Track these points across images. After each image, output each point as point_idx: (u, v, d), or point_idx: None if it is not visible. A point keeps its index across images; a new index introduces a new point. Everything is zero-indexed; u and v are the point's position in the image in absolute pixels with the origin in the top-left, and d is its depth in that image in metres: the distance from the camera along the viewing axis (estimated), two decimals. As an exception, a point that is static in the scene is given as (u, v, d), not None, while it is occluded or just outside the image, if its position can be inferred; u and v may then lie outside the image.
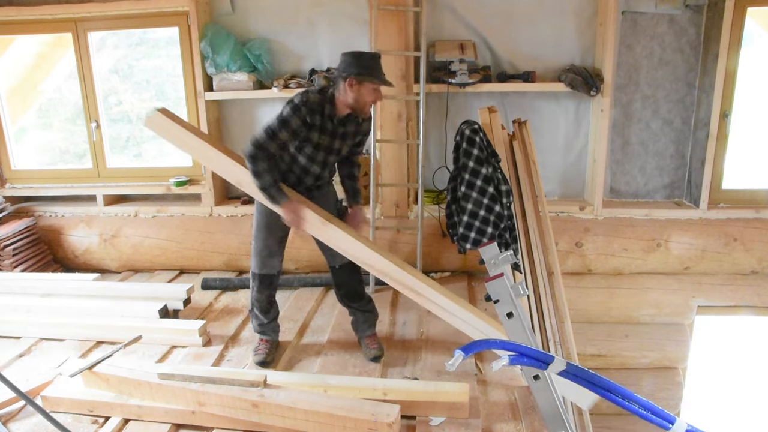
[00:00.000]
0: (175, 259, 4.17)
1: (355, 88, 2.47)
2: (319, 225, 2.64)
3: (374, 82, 2.47)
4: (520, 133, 3.53)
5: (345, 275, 2.85)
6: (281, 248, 2.81)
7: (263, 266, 2.77)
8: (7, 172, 4.39)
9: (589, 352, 3.93)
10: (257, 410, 2.22)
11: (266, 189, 2.50)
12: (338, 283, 2.90)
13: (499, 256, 2.24)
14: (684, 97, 3.86)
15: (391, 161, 3.87)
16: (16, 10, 3.96)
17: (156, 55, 4.31)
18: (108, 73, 4.30)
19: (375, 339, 2.91)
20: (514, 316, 2.14)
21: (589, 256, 3.89)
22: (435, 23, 3.85)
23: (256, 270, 2.79)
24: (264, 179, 2.48)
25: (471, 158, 3.22)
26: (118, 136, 4.44)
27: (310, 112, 2.46)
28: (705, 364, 4.27)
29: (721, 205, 3.85)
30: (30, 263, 4.01)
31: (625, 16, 3.73)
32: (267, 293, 2.83)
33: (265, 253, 2.77)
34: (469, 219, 3.25)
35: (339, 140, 2.62)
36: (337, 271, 2.86)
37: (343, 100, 2.51)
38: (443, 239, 3.90)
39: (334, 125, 2.56)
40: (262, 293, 2.82)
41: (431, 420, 2.32)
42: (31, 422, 2.36)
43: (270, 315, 2.89)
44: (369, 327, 2.92)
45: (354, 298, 2.89)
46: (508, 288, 2.13)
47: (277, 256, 2.80)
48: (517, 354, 1.98)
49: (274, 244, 2.77)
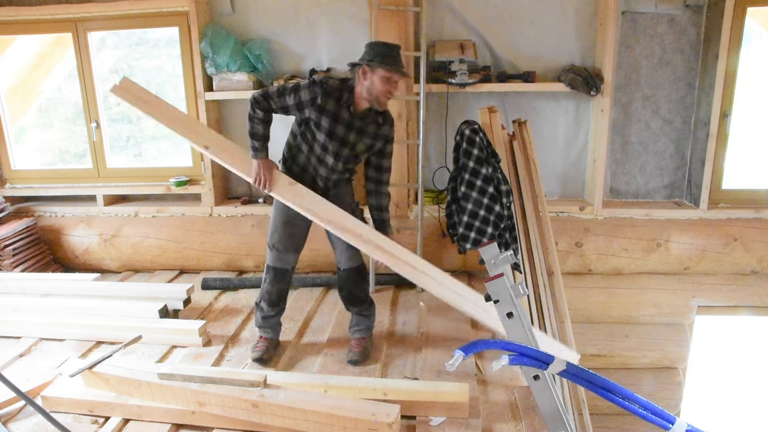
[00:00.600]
0: (175, 259, 4.17)
1: (368, 76, 2.45)
2: (287, 185, 2.65)
3: (385, 69, 2.42)
4: (520, 133, 3.54)
5: (348, 278, 2.85)
6: (297, 245, 2.82)
7: (278, 260, 2.79)
8: (7, 172, 4.39)
9: (589, 352, 3.93)
10: (257, 410, 2.22)
11: (251, 135, 2.60)
12: (341, 285, 2.91)
13: (499, 256, 2.24)
14: (684, 97, 3.86)
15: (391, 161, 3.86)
16: (16, 10, 3.96)
17: (156, 55, 4.31)
18: (108, 73, 4.30)
19: (360, 343, 2.88)
20: (514, 316, 2.14)
21: (589, 256, 3.89)
22: (435, 23, 3.85)
23: (271, 263, 2.81)
24: (253, 125, 2.58)
25: (471, 158, 3.22)
26: (118, 136, 4.44)
27: (324, 93, 2.48)
28: (705, 364, 4.27)
29: (721, 205, 3.85)
30: (30, 263, 4.01)
31: (625, 16, 3.73)
32: (278, 287, 2.84)
33: (280, 246, 2.78)
34: (469, 219, 3.25)
35: (355, 134, 2.57)
36: (341, 273, 2.87)
37: (359, 90, 2.51)
38: (443, 239, 3.90)
39: (351, 115, 2.53)
40: (273, 286, 2.83)
41: (431, 420, 2.32)
42: (31, 422, 2.36)
43: (276, 309, 2.89)
44: (359, 330, 2.92)
45: (354, 302, 2.90)
46: (508, 288, 2.13)
47: (292, 252, 2.81)
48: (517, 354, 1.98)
49: (291, 240, 2.78)
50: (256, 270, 4.12)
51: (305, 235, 2.84)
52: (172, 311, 3.32)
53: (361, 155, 2.68)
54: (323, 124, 2.53)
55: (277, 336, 2.97)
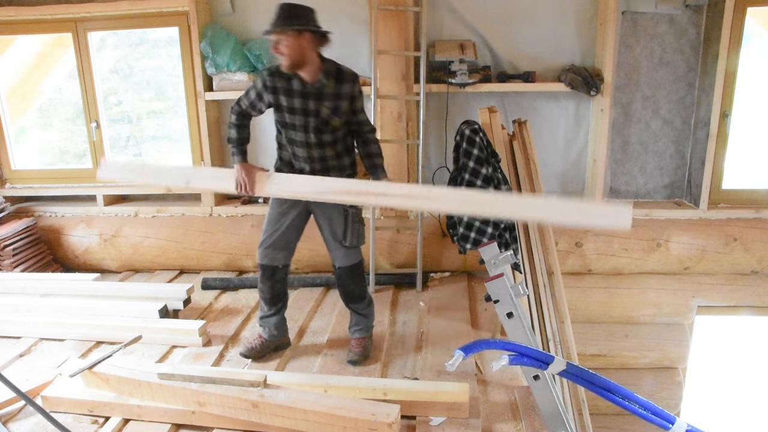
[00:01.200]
0: (175, 259, 4.17)
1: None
2: (266, 179, 2.64)
3: (268, 35, 2.47)
4: (520, 133, 3.54)
5: (343, 276, 2.85)
6: (285, 242, 2.81)
7: (264, 256, 2.81)
8: (7, 172, 4.39)
9: (589, 352, 3.93)
10: (257, 410, 2.22)
11: (227, 140, 2.74)
12: (338, 283, 2.92)
13: (499, 256, 2.24)
14: (684, 97, 3.86)
15: (391, 161, 3.86)
16: (16, 10, 3.96)
17: (156, 55, 4.31)
18: (108, 73, 4.30)
19: (360, 343, 2.89)
20: (514, 316, 2.14)
21: (589, 256, 3.89)
22: (435, 23, 3.85)
23: (258, 259, 2.83)
24: (230, 132, 2.72)
25: (471, 158, 3.23)
26: (118, 136, 4.44)
27: (270, 75, 2.58)
28: (705, 364, 4.27)
29: (721, 205, 3.85)
30: (30, 263, 4.01)
31: (625, 16, 3.73)
32: (270, 285, 2.84)
33: (268, 243, 2.79)
34: (469, 219, 3.26)
35: (314, 101, 2.57)
36: (336, 271, 2.87)
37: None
38: (443, 239, 3.90)
39: (302, 85, 2.55)
40: (264, 284, 2.85)
41: (431, 420, 2.32)
42: (31, 422, 2.36)
43: (273, 309, 2.89)
44: (358, 330, 2.92)
45: (351, 299, 2.90)
46: (508, 288, 2.13)
47: (282, 249, 2.81)
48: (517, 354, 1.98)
49: (278, 237, 2.78)
50: (256, 270, 4.08)
51: (296, 234, 2.82)
52: (172, 311, 3.32)
53: (331, 120, 2.61)
54: (282, 103, 2.58)
55: (278, 336, 2.95)
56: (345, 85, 2.59)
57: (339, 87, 2.58)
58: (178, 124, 4.32)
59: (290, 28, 2.41)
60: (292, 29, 2.41)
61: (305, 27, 2.44)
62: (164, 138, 4.49)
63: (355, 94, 2.63)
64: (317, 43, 2.51)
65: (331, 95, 2.58)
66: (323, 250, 2.92)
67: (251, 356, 2.87)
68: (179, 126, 4.31)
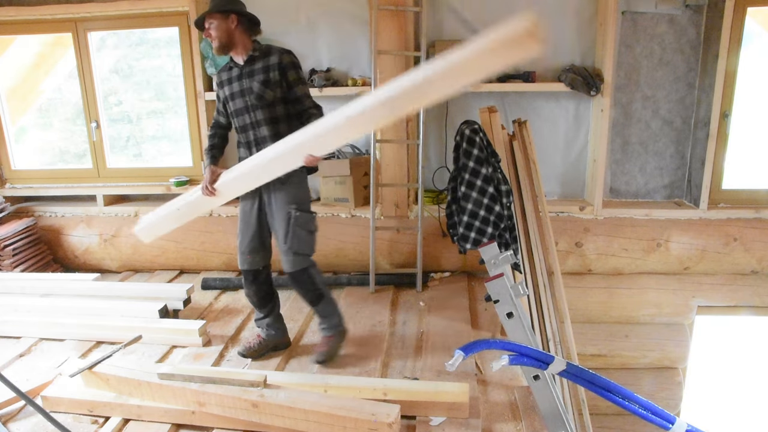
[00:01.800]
0: (175, 259, 4.17)
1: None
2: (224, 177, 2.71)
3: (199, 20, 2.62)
4: (520, 133, 3.53)
5: (289, 282, 2.85)
6: (258, 244, 2.83)
7: (244, 262, 2.87)
8: (7, 172, 4.39)
9: (589, 352, 3.93)
10: (257, 410, 2.22)
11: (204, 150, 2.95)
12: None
13: (499, 256, 2.24)
14: (684, 97, 3.86)
15: (391, 161, 3.87)
16: (16, 10, 3.96)
17: (156, 55, 4.31)
18: (108, 73, 4.30)
19: (325, 342, 2.88)
20: (514, 316, 2.15)
21: (589, 256, 3.89)
22: (435, 23, 3.85)
23: (239, 266, 2.89)
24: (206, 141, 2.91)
25: (471, 158, 3.22)
26: (118, 136, 4.45)
27: (218, 73, 2.77)
28: (705, 364, 4.27)
29: (721, 205, 3.85)
30: (30, 263, 4.01)
31: (625, 16, 3.73)
32: (254, 288, 2.89)
33: (244, 247, 2.85)
34: (469, 219, 3.25)
35: (247, 79, 2.65)
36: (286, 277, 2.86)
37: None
38: (443, 239, 3.90)
39: (238, 69, 2.67)
40: (249, 288, 2.90)
41: (431, 420, 2.32)
42: (31, 422, 2.36)
43: (263, 311, 2.94)
44: (323, 329, 2.92)
45: (305, 301, 2.89)
46: (508, 288, 2.13)
47: (257, 252, 2.84)
48: (517, 354, 1.98)
49: (251, 240, 2.83)
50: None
51: (268, 231, 2.84)
52: (172, 311, 3.32)
53: (264, 94, 2.61)
54: (227, 93, 2.71)
55: (276, 336, 2.96)
56: (272, 57, 2.66)
57: (267, 60, 2.66)
58: (178, 124, 4.32)
59: (216, 11, 2.56)
60: (218, 12, 2.56)
61: (230, 9, 2.57)
62: (164, 138, 4.49)
63: (284, 64, 2.64)
64: (246, 27, 2.64)
65: (260, 69, 2.66)
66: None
67: (250, 356, 2.88)
68: (179, 126, 4.31)
